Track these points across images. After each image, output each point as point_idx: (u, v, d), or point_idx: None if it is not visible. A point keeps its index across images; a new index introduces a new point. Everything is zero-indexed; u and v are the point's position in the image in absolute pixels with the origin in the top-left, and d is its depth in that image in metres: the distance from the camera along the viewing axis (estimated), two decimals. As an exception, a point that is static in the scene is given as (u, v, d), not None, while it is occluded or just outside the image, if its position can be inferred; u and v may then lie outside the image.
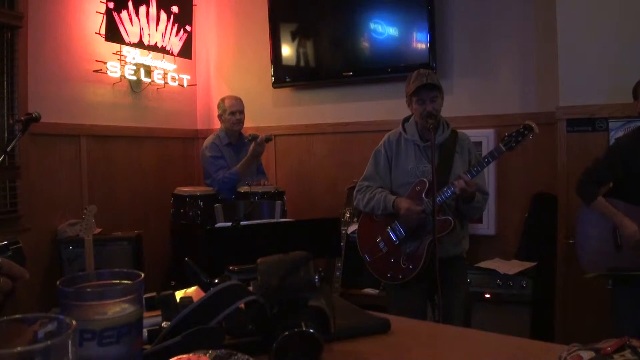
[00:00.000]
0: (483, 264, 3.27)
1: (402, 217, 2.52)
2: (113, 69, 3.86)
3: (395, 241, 2.57)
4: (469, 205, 2.50)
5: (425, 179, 2.50)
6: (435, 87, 2.49)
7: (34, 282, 3.31)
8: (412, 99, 2.52)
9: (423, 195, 2.48)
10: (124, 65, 3.93)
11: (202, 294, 0.86)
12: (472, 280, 3.06)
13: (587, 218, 2.66)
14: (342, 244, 3.41)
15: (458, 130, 2.67)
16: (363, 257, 2.68)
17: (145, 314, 0.83)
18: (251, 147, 3.59)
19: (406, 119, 2.69)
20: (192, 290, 1.24)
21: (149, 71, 4.16)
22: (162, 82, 4.27)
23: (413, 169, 2.57)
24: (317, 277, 0.86)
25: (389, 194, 2.57)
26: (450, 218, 2.48)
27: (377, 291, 3.51)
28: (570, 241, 2.92)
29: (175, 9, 4.26)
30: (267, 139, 3.61)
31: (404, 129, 2.65)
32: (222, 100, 3.85)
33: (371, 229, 2.66)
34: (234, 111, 3.76)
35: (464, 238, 2.63)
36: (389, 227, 2.59)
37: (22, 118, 2.74)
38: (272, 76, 4.36)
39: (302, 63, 4.32)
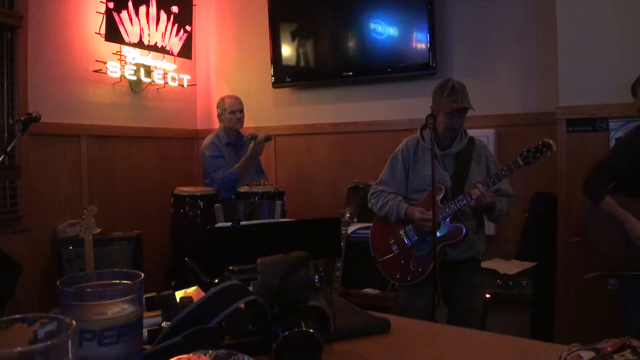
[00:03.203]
0: (483, 264, 3.24)
1: (414, 224, 2.56)
2: (113, 69, 3.86)
3: (407, 244, 2.60)
4: (492, 214, 2.53)
5: (441, 186, 2.51)
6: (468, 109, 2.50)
7: (34, 282, 3.31)
8: (441, 112, 2.51)
9: (438, 202, 2.49)
10: (124, 65, 3.93)
11: (202, 294, 0.86)
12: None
13: (596, 215, 2.65)
14: (342, 244, 3.41)
15: (475, 137, 2.67)
16: (374, 257, 2.71)
17: (145, 314, 0.83)
18: (250, 146, 3.58)
19: (424, 126, 2.66)
20: (192, 290, 1.24)
21: (149, 71, 4.16)
22: (162, 82, 4.27)
23: (429, 176, 2.57)
24: (317, 277, 0.86)
25: (402, 202, 2.60)
26: (462, 226, 2.49)
27: (378, 291, 3.51)
28: (573, 240, 2.91)
29: (175, 9, 4.26)
30: (267, 139, 3.60)
31: (422, 137, 2.65)
32: (222, 99, 3.85)
33: (384, 230, 2.68)
34: (234, 110, 3.76)
35: (478, 241, 2.64)
36: (401, 230, 2.62)
37: (22, 118, 2.74)
38: (272, 76, 4.36)
39: (302, 63, 4.32)
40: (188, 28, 4.42)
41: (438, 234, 2.46)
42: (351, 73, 4.07)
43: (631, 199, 2.49)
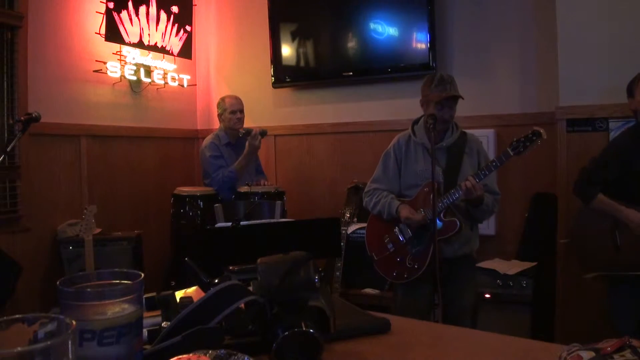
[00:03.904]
0: (483, 264, 3.26)
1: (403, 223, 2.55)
2: (113, 69, 3.86)
3: (402, 241, 2.59)
4: (478, 208, 2.51)
5: (434, 181, 2.51)
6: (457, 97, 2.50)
7: (34, 282, 3.31)
8: (431, 104, 2.51)
9: (430, 197, 2.48)
10: (124, 65, 3.93)
11: (202, 294, 0.86)
12: (472, 280, 3.06)
13: (584, 219, 2.65)
14: (342, 244, 3.41)
15: (467, 132, 2.67)
16: (370, 256, 2.69)
17: (145, 314, 0.83)
18: (247, 142, 3.59)
19: (415, 122, 2.67)
20: (192, 290, 1.24)
21: (149, 71, 4.16)
22: (162, 82, 4.27)
23: (422, 171, 2.56)
24: (317, 277, 0.86)
25: (393, 200, 2.58)
26: (456, 220, 2.48)
27: (378, 291, 3.51)
28: (562, 241, 2.91)
29: (175, 9, 4.26)
30: (262, 133, 3.61)
31: (413, 132, 2.64)
32: (222, 99, 3.85)
33: (379, 228, 2.67)
34: (234, 110, 3.76)
35: (472, 237, 2.63)
36: (396, 227, 2.61)
37: (22, 118, 2.73)
38: (272, 76, 4.36)
39: (302, 63, 4.32)
40: (188, 28, 4.42)
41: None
42: (351, 73, 4.07)
43: (622, 203, 2.47)
